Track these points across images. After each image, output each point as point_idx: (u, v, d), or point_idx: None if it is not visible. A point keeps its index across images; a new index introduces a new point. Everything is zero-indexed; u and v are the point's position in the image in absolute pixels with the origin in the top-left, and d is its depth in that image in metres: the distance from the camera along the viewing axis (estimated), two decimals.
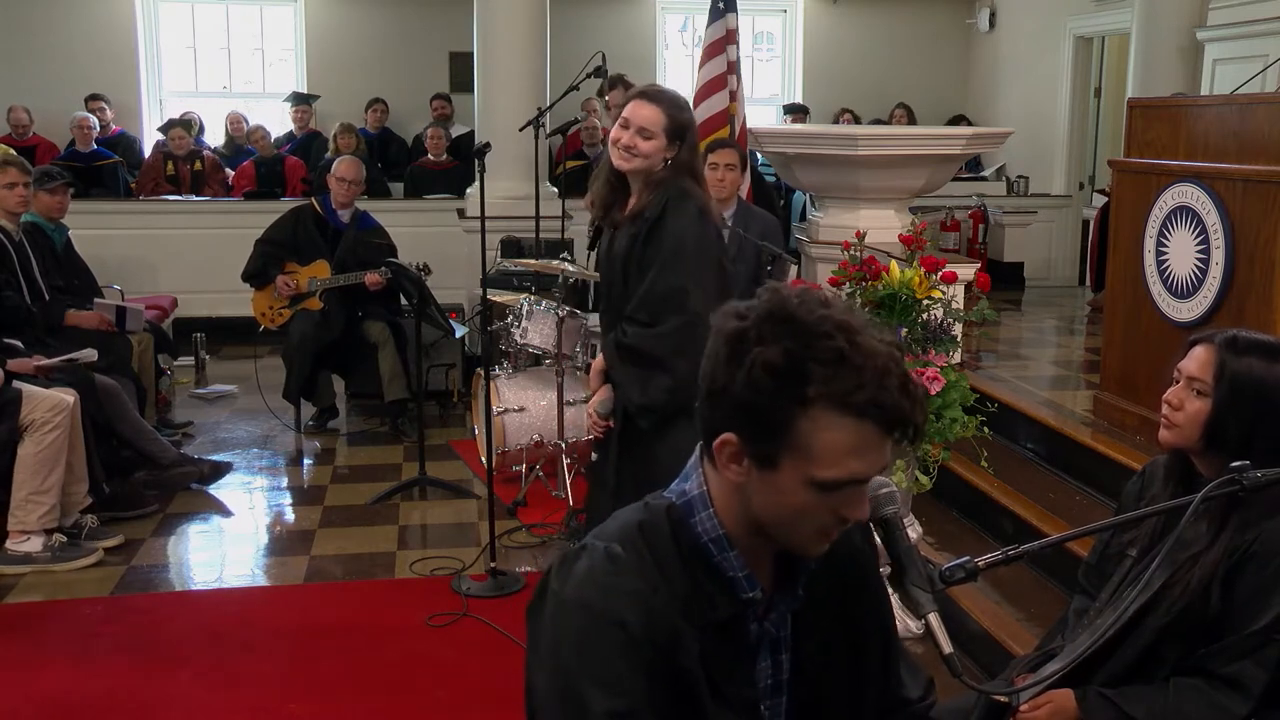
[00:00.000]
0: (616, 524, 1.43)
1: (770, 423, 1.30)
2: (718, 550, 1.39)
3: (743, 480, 1.35)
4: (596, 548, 1.39)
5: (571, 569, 1.39)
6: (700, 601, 1.38)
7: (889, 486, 1.51)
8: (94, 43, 9.90)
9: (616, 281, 3.30)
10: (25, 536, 4.42)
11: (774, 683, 1.47)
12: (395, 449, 6.04)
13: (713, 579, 1.40)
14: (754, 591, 1.40)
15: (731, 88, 6.14)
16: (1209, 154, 3.98)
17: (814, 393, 1.27)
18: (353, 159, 6.51)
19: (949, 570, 1.50)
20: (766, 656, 1.46)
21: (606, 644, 1.32)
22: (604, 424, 3.34)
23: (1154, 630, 2.12)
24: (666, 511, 1.42)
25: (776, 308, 1.31)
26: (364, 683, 3.58)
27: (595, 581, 1.35)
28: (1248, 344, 2.12)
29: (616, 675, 1.31)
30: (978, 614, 3.63)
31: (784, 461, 1.31)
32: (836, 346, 1.27)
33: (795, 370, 1.27)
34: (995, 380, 5.30)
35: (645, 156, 3.16)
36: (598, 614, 1.33)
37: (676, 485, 1.45)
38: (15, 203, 5.21)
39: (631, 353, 3.20)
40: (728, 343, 1.32)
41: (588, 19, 10.18)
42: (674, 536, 1.40)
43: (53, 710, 3.43)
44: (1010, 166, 10.25)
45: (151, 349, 5.90)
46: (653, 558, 1.38)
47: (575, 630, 1.34)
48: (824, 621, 1.49)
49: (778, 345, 1.28)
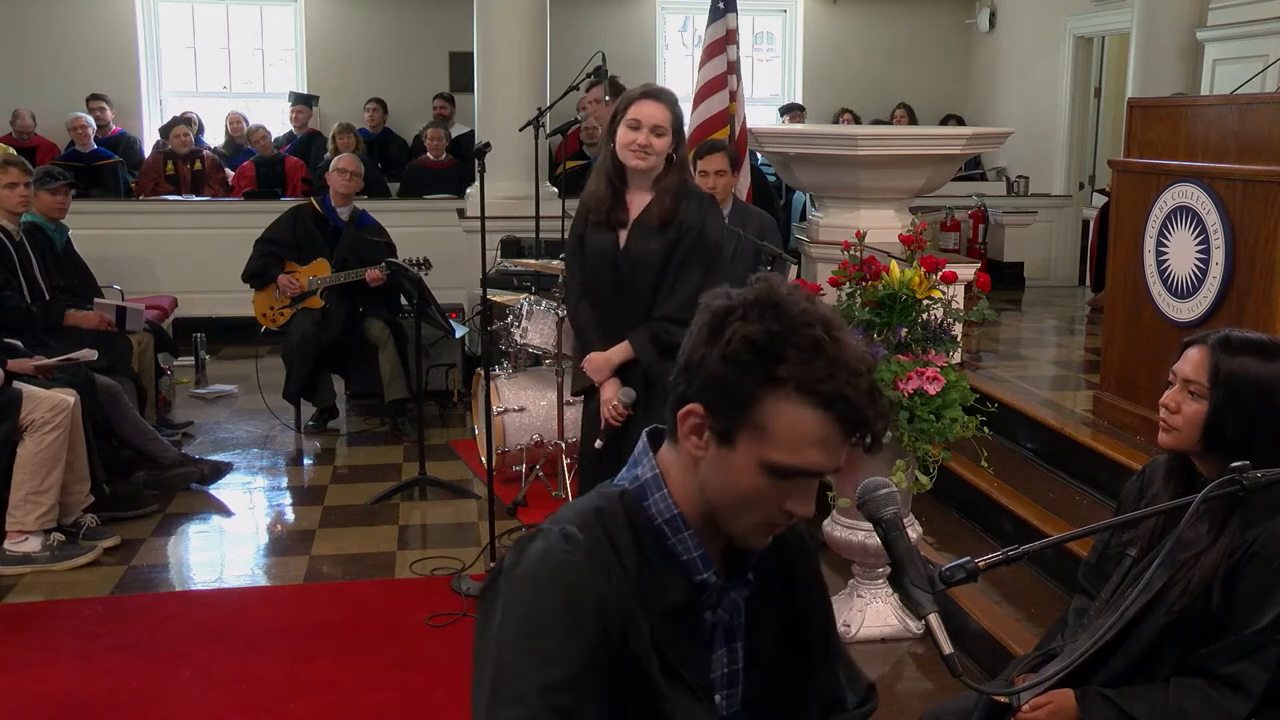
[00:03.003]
0: (572, 510, 1.44)
1: (737, 397, 1.32)
2: (672, 531, 1.41)
3: (700, 455, 1.37)
4: (552, 530, 1.39)
5: (526, 549, 1.39)
6: (654, 585, 1.39)
7: (889, 486, 1.51)
8: (94, 43, 9.90)
9: (640, 280, 3.43)
10: (24, 536, 4.42)
11: (729, 672, 1.49)
12: (395, 449, 6.04)
13: (667, 561, 1.41)
14: (708, 573, 1.41)
15: (731, 88, 6.13)
16: (1209, 154, 3.98)
17: (785, 373, 1.30)
18: (352, 154, 6.51)
19: (949, 570, 1.49)
20: (722, 644, 1.47)
21: (553, 619, 1.32)
22: (626, 412, 3.42)
23: (1154, 630, 2.12)
24: (620, 496, 1.43)
25: (765, 294, 1.35)
26: (364, 683, 3.58)
27: (548, 560, 1.36)
28: (1241, 344, 2.12)
29: (558, 652, 1.31)
30: (978, 614, 3.64)
31: (741, 439, 1.33)
32: (815, 335, 1.31)
33: (771, 349, 1.30)
34: (995, 380, 5.30)
35: (659, 154, 3.34)
36: (547, 591, 1.34)
37: (627, 472, 1.47)
38: (16, 202, 5.21)
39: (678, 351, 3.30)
40: (712, 318, 1.35)
41: (588, 19, 10.17)
42: (629, 520, 1.41)
43: (53, 710, 3.43)
44: (1010, 167, 10.25)
45: (151, 349, 5.90)
46: (608, 541, 1.39)
47: (523, 606, 1.34)
48: (773, 611, 1.51)
49: (761, 324, 1.31)
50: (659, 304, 3.42)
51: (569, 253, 3.70)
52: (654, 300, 3.43)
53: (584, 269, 3.57)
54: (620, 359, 3.47)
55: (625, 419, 3.43)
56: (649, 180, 3.41)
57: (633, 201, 3.45)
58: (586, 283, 3.58)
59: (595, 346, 3.53)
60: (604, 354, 3.49)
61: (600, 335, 3.53)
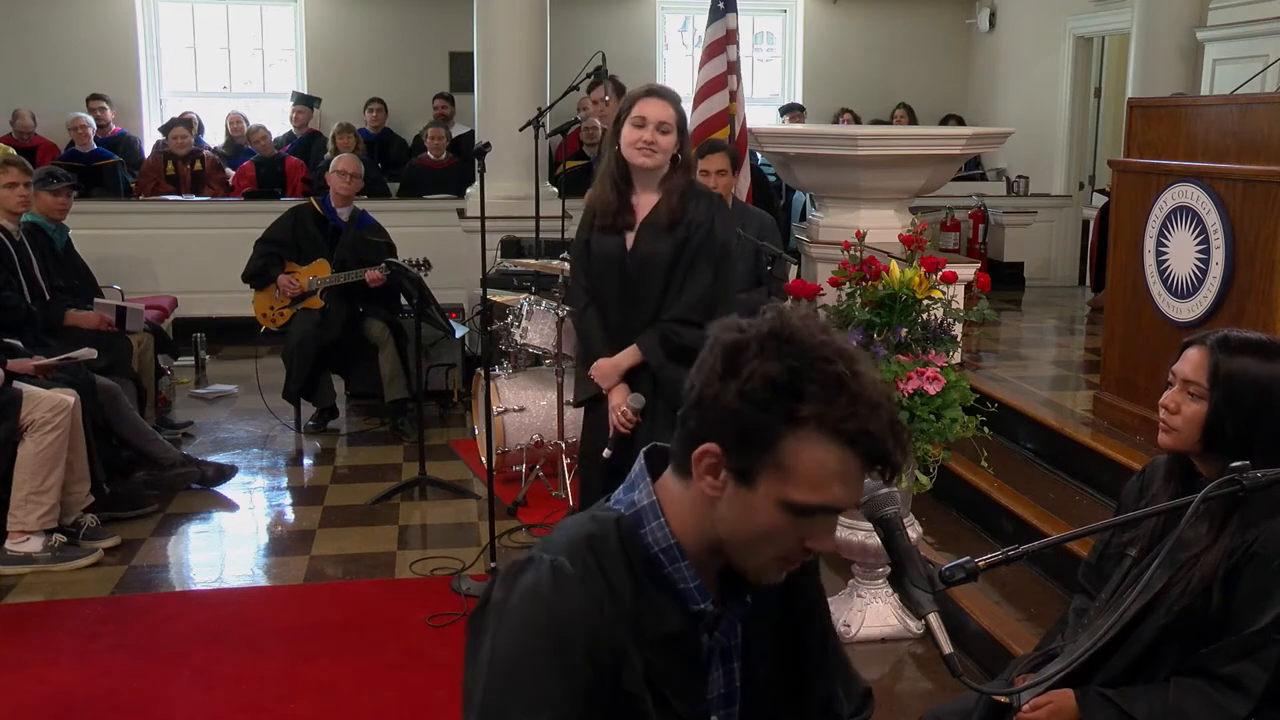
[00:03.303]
0: (565, 535, 1.40)
1: (757, 437, 1.29)
2: (669, 561, 1.38)
3: (716, 494, 1.34)
4: (543, 561, 1.36)
5: (516, 582, 1.36)
6: (650, 615, 1.37)
7: (889, 487, 1.51)
8: (94, 43, 9.90)
9: (648, 281, 3.40)
10: (25, 537, 4.42)
11: (726, 692, 1.47)
12: (395, 449, 6.04)
13: (663, 591, 1.38)
14: (705, 603, 1.39)
15: (731, 88, 6.14)
16: (1209, 154, 3.98)
17: (807, 413, 1.27)
18: (351, 155, 6.51)
19: (949, 570, 1.49)
20: (718, 666, 1.45)
21: (543, 664, 1.30)
22: (636, 419, 3.39)
23: (1154, 631, 2.12)
24: (615, 523, 1.40)
25: (779, 326, 1.31)
26: (364, 683, 3.58)
27: (539, 598, 1.33)
28: (1240, 344, 2.12)
29: (548, 694, 1.29)
30: (978, 614, 3.63)
31: (762, 479, 1.30)
32: (837, 371, 1.28)
33: (792, 387, 1.27)
34: (995, 380, 5.30)
35: (665, 152, 3.33)
36: (538, 633, 1.31)
37: (623, 495, 1.43)
38: (16, 202, 5.21)
39: (689, 354, 3.25)
40: (725, 353, 1.31)
41: (588, 19, 10.17)
42: (623, 548, 1.38)
43: (53, 710, 3.43)
44: (1010, 167, 10.25)
45: (151, 349, 5.90)
46: (600, 572, 1.35)
47: (512, 647, 1.32)
48: (770, 626, 1.49)
49: (778, 361, 1.28)
50: (667, 305, 3.39)
51: (574, 259, 3.65)
52: (662, 302, 3.39)
53: (589, 274, 3.51)
54: (629, 364, 3.42)
55: (634, 425, 3.39)
56: (655, 181, 3.38)
57: (639, 203, 3.41)
58: (592, 288, 3.52)
59: (602, 353, 3.47)
60: (611, 359, 3.44)
61: (607, 340, 3.47)
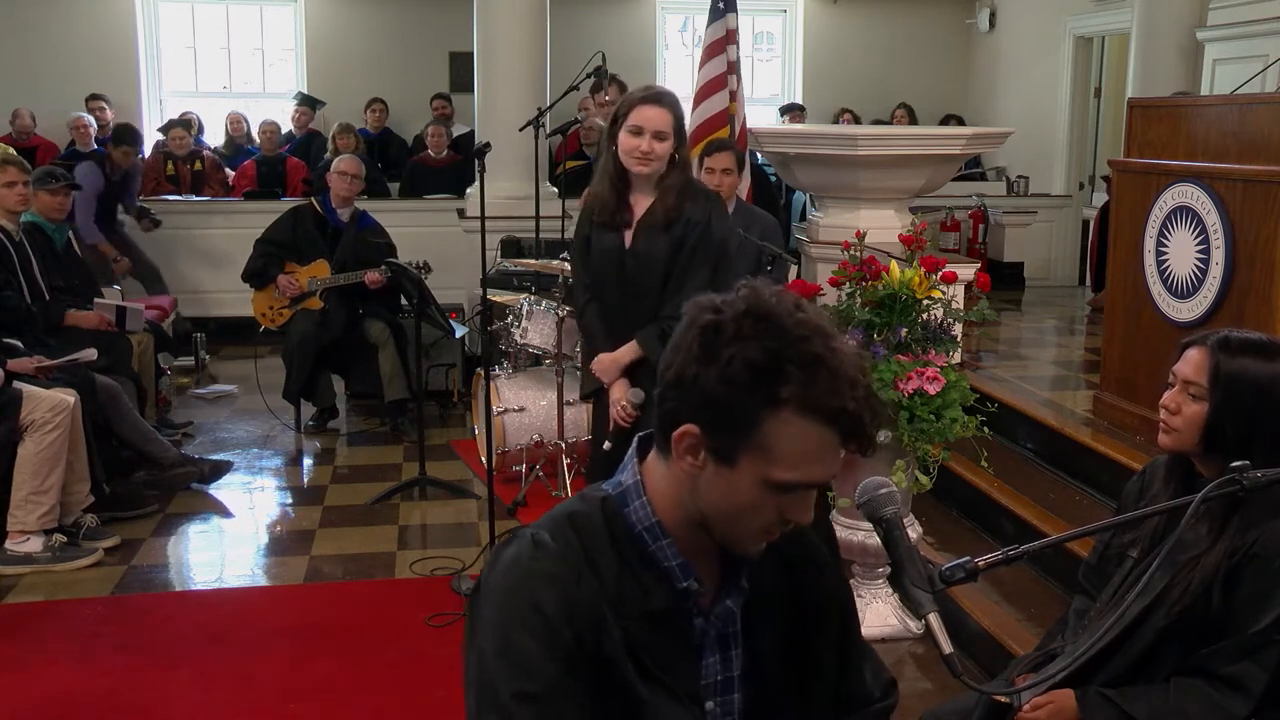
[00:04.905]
0: (549, 515, 1.45)
1: (738, 420, 1.30)
2: (651, 539, 1.41)
3: (695, 473, 1.36)
4: (524, 535, 1.41)
5: (499, 556, 1.41)
6: (633, 591, 1.39)
7: (889, 486, 1.51)
8: (94, 43, 9.89)
9: (647, 279, 3.43)
10: (25, 537, 4.42)
11: (724, 679, 1.47)
12: (395, 449, 6.04)
13: (648, 568, 1.41)
14: (689, 581, 1.41)
15: (731, 88, 6.13)
16: (1209, 154, 3.98)
17: (787, 394, 1.28)
18: (352, 156, 6.51)
19: (949, 570, 1.49)
20: (714, 653, 1.46)
21: (522, 628, 1.33)
22: (635, 413, 3.42)
23: (1155, 631, 2.12)
24: (601, 503, 1.43)
25: (754, 305, 1.32)
26: (364, 683, 3.58)
27: (517, 566, 1.38)
28: (1240, 344, 2.12)
29: (529, 659, 1.32)
30: (978, 614, 3.64)
31: (742, 458, 1.32)
32: (815, 351, 1.29)
33: (772, 370, 1.28)
34: (995, 380, 5.30)
35: (661, 159, 3.35)
36: (516, 598, 1.35)
37: (616, 477, 1.47)
38: (15, 201, 5.20)
39: None
40: (702, 334, 1.32)
41: (588, 19, 10.17)
42: (607, 526, 1.41)
43: (53, 710, 3.43)
44: (1010, 167, 10.25)
45: (151, 349, 5.90)
46: (580, 546, 1.39)
47: (494, 614, 1.36)
48: (777, 617, 1.50)
49: (757, 343, 1.29)
50: (666, 302, 3.42)
51: (574, 255, 3.70)
52: (661, 298, 3.43)
53: (590, 271, 3.57)
54: (629, 359, 3.48)
55: (634, 419, 3.42)
56: (652, 181, 3.41)
57: (637, 202, 3.45)
58: (592, 284, 3.58)
59: (603, 348, 3.52)
60: (612, 355, 3.50)
61: (608, 336, 3.53)
